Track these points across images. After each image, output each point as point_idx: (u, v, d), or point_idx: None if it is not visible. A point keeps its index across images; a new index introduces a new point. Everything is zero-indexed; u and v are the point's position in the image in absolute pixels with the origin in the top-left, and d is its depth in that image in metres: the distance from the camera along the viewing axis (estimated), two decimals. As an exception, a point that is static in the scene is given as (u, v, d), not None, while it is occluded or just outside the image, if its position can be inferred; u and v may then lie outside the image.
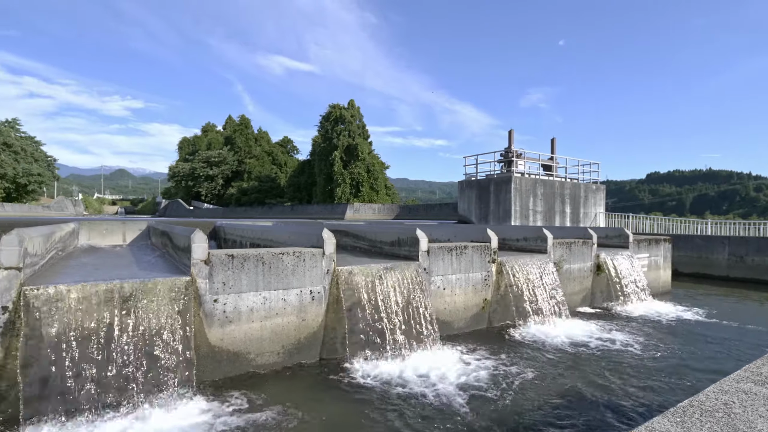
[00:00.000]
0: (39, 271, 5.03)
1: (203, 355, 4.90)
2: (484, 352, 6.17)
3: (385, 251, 7.65)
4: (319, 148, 52.40)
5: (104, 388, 3.99)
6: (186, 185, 71.93)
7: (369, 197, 49.39)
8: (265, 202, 59.21)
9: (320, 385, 5.04)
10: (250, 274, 5.21)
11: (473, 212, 18.31)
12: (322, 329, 5.77)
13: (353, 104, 52.20)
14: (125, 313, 4.31)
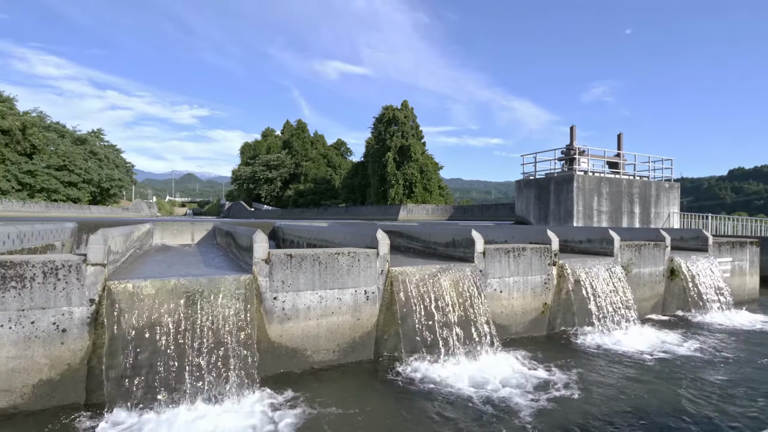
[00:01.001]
0: (120, 267, 5.49)
1: (263, 350, 5.10)
2: (544, 359, 5.90)
3: (439, 252, 7.56)
4: (373, 149, 52.96)
5: (176, 377, 4.27)
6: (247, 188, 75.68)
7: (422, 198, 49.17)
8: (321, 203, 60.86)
9: (373, 384, 5.07)
10: (307, 274, 5.35)
11: (532, 213, 17.63)
12: (376, 329, 5.81)
13: (406, 105, 52.22)
14: (194, 307, 4.59)
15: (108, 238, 4.56)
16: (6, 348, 4.05)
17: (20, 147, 47.64)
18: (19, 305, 4.08)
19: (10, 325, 4.06)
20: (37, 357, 4.17)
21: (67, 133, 58.58)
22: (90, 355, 4.35)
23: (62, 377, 4.26)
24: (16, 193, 45.28)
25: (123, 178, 62.47)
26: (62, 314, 4.24)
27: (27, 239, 7.39)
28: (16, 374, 4.10)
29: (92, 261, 4.35)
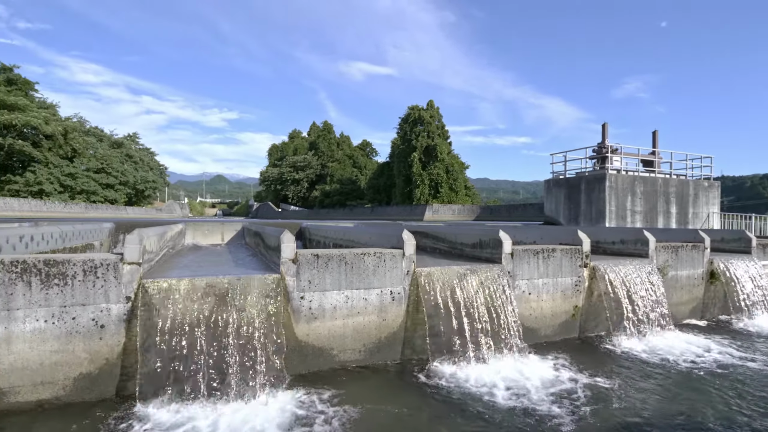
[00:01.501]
0: (154, 266, 5.67)
1: (291, 348, 5.17)
2: (574, 363, 5.74)
3: (466, 253, 7.47)
4: (398, 149, 52.96)
5: (206, 374, 4.37)
6: (275, 189, 77.08)
7: (448, 198, 48.79)
8: (347, 203, 61.33)
9: (399, 384, 5.05)
10: (333, 273, 5.39)
11: (561, 213, 17.21)
12: (402, 329, 5.79)
13: (432, 105, 51.97)
14: (224, 305, 4.70)
15: (143, 238, 4.72)
16: (49, 342, 4.26)
17: (62, 151, 50.04)
18: (61, 302, 4.28)
19: (53, 321, 4.26)
20: (78, 351, 4.35)
21: (105, 137, 61.17)
22: (126, 350, 4.51)
23: (100, 371, 4.44)
24: (59, 194, 47.59)
25: (157, 180, 64.76)
26: (101, 311, 4.41)
27: (69, 239, 7.75)
28: (58, 367, 4.30)
29: (128, 260, 4.51)
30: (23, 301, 4.16)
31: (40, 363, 4.23)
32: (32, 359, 4.21)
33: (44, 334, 4.24)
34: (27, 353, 4.19)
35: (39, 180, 45.97)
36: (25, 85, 48.96)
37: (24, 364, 4.19)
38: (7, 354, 4.13)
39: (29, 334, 4.19)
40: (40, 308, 4.21)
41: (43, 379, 4.26)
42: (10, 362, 4.14)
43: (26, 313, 4.17)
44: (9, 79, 47.46)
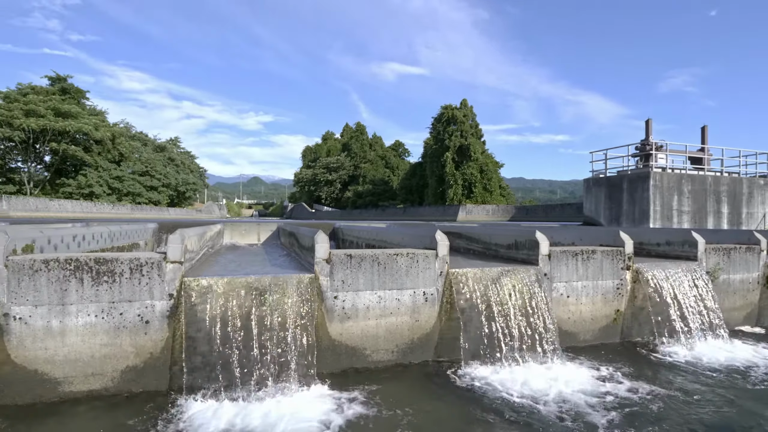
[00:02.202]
0: (195, 264, 5.89)
1: (325, 347, 5.23)
2: (616, 370, 5.50)
3: (501, 254, 7.32)
4: (431, 150, 52.67)
5: (244, 369, 4.50)
6: (308, 190, 78.41)
7: (482, 198, 48.06)
8: (379, 204, 61.55)
9: (432, 385, 5.01)
10: (366, 274, 5.41)
11: (602, 213, 16.58)
12: (435, 331, 5.74)
13: (465, 104, 51.36)
14: (260, 304, 4.81)
15: (185, 237, 4.91)
16: (99, 336, 4.50)
17: (110, 155, 52.88)
18: (110, 298, 4.51)
19: (102, 316, 4.49)
20: (125, 345, 4.58)
21: (149, 142, 64.14)
22: (169, 345, 4.70)
23: (145, 365, 4.65)
24: (107, 196, 50.29)
25: (197, 182, 67.32)
26: (146, 307, 4.62)
27: (116, 238, 8.16)
28: (107, 360, 4.54)
29: (171, 259, 4.70)
30: (76, 296, 4.41)
31: (90, 355, 4.48)
32: (84, 352, 4.46)
33: (94, 328, 4.48)
34: (79, 346, 4.45)
35: (90, 183, 48.74)
36: (78, 93, 52.08)
37: (76, 356, 4.45)
38: (61, 346, 4.40)
39: (81, 328, 4.44)
40: (91, 304, 4.46)
41: (93, 370, 4.50)
42: (64, 354, 4.41)
43: (78, 308, 4.43)
44: (63, 88, 50.64)
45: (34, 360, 4.35)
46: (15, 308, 4.28)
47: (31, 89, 47.54)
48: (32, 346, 4.34)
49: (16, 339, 4.30)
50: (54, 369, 4.40)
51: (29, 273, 4.30)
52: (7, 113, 42.76)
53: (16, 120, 42.58)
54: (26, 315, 4.31)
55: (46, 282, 4.33)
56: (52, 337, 4.38)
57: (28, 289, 4.30)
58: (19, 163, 48.75)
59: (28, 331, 4.32)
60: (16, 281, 4.27)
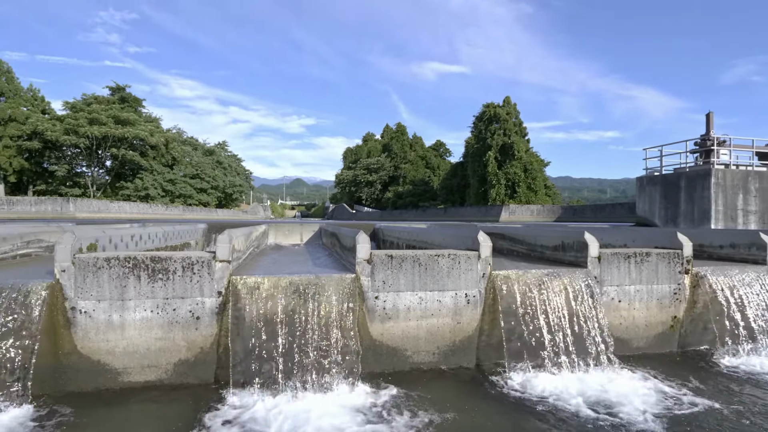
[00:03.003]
0: (242, 264, 6.10)
1: (365, 347, 5.25)
2: (673, 380, 5.16)
3: (546, 256, 7.08)
4: (472, 149, 51.86)
5: (287, 366, 4.60)
6: (349, 191, 79.38)
7: (526, 198, 46.74)
8: (419, 204, 61.32)
9: (473, 389, 4.91)
10: (407, 274, 5.39)
11: (656, 213, 15.66)
12: (477, 333, 5.63)
13: (509, 101, 50.16)
14: (303, 303, 4.91)
15: (232, 237, 5.09)
16: (154, 330, 4.75)
17: (164, 159, 55.96)
18: (164, 294, 4.76)
19: (157, 311, 4.75)
20: (177, 339, 4.81)
21: (199, 146, 67.29)
22: (217, 340, 4.90)
23: (196, 359, 4.87)
24: (161, 198, 53.24)
25: (243, 184, 69.92)
26: (196, 304, 4.84)
27: (170, 238, 8.61)
28: (162, 353, 4.79)
29: (220, 258, 4.89)
30: (134, 292, 4.69)
31: (147, 348, 4.75)
32: (140, 345, 4.74)
33: (150, 322, 4.74)
34: (136, 339, 4.72)
35: (146, 185, 51.80)
36: (135, 102, 55.56)
37: (134, 349, 4.73)
38: (121, 339, 4.69)
39: (138, 322, 4.72)
40: (147, 299, 4.73)
41: (149, 362, 4.77)
42: (123, 346, 4.70)
43: (136, 304, 4.70)
44: (122, 97, 54.18)
45: (97, 351, 4.66)
46: (81, 302, 4.61)
47: (94, 99, 51.22)
48: (95, 338, 4.65)
49: (82, 331, 4.63)
50: (114, 360, 4.70)
51: (93, 270, 4.62)
52: (73, 122, 46.28)
53: (81, 128, 46.00)
54: (90, 309, 4.63)
55: (107, 278, 4.64)
56: (113, 330, 4.68)
57: (92, 284, 4.62)
58: (84, 168, 52.65)
59: (92, 324, 4.64)
60: (81, 277, 4.60)
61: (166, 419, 4.11)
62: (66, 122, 46.53)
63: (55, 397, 4.43)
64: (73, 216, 32.16)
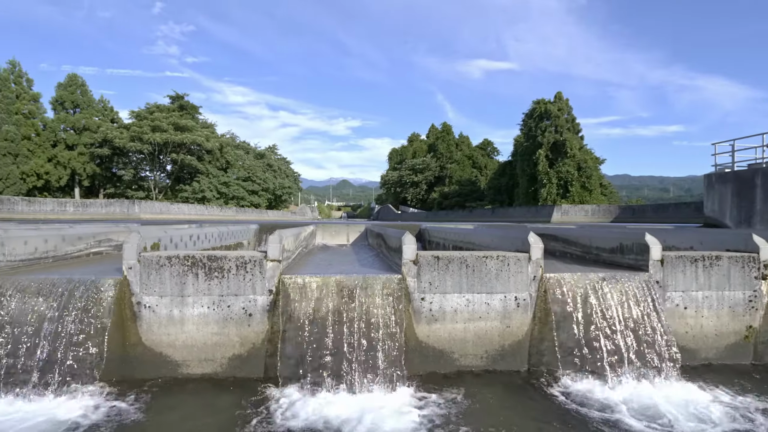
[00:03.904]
0: (291, 263, 6.27)
1: (411, 348, 5.23)
2: (746, 396, 4.72)
3: (603, 259, 6.72)
4: (522, 147, 50.31)
5: (334, 364, 4.67)
6: (394, 191, 79.59)
7: (580, 198, 44.72)
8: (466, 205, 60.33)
9: (523, 396, 4.74)
10: (454, 276, 5.31)
11: (728, 213, 14.44)
12: (527, 338, 5.44)
13: (560, 97, 48.22)
14: (350, 303, 4.96)
15: (282, 238, 5.25)
16: (211, 326, 4.99)
17: (219, 163, 58.79)
18: (219, 291, 4.99)
19: (213, 307, 4.98)
20: (231, 335, 5.02)
21: (251, 150, 70.09)
22: (268, 337, 5.06)
23: (248, 354, 5.06)
24: (216, 200, 55.95)
25: (291, 186, 72.05)
26: (249, 301, 5.03)
27: (224, 238, 9.02)
28: (217, 347, 5.02)
29: (271, 257, 5.05)
30: (192, 289, 4.95)
31: (204, 342, 4.99)
32: (198, 339, 4.99)
33: (207, 318, 4.98)
34: (194, 333, 4.98)
35: (202, 188, 54.63)
36: (192, 109, 58.80)
37: (192, 343, 4.99)
38: (180, 333, 4.97)
39: (196, 318, 4.97)
40: (204, 296, 4.97)
41: (206, 356, 5.01)
42: (183, 340, 4.97)
43: (194, 300, 4.96)
44: (181, 105, 57.52)
45: (159, 343, 4.96)
46: (146, 297, 4.93)
47: (156, 108, 54.77)
48: (158, 331, 4.96)
49: (146, 324, 4.94)
50: (174, 352, 4.98)
51: (156, 267, 4.92)
52: (138, 130, 49.75)
53: (145, 135, 49.36)
54: (154, 304, 4.94)
55: (169, 276, 4.93)
56: (174, 324, 4.96)
57: (155, 281, 4.93)
58: (147, 172, 56.40)
59: (155, 318, 4.94)
60: (146, 274, 4.92)
61: (220, 410, 4.30)
62: (132, 130, 50.14)
63: (123, 383, 4.77)
64: (138, 217, 34.56)
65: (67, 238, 6.55)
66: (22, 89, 45.23)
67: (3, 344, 4.42)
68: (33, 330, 4.49)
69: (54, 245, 6.25)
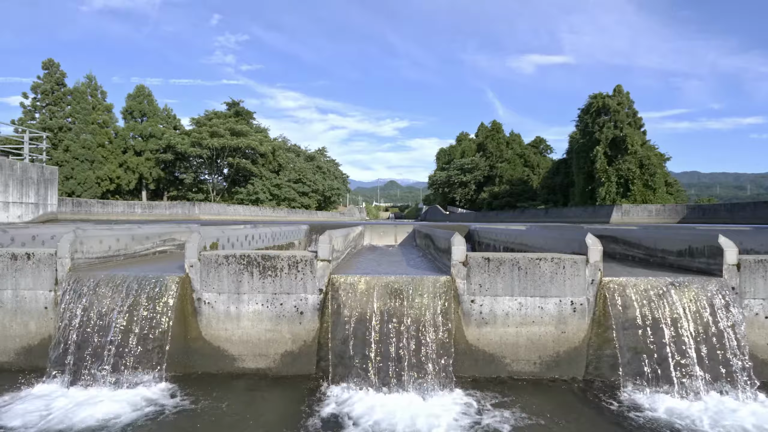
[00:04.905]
0: (340, 263, 6.36)
1: (461, 351, 5.13)
2: None
3: (669, 262, 6.25)
4: (577, 144, 48.10)
5: (381, 364, 4.68)
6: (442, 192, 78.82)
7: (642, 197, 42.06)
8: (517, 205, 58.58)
9: (580, 406, 4.50)
10: (505, 278, 5.16)
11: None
12: (585, 345, 5.17)
13: (620, 90, 45.62)
14: (399, 304, 4.96)
15: (332, 238, 5.34)
16: (264, 322, 5.17)
17: (271, 166, 61.03)
18: (272, 289, 5.16)
19: (267, 305, 5.16)
20: (284, 332, 5.18)
21: (301, 153, 72.16)
22: (318, 335, 5.17)
23: (300, 351, 5.19)
24: (269, 201, 58.11)
25: (340, 187, 73.40)
26: (300, 299, 5.16)
27: (277, 238, 9.33)
28: (271, 344, 5.19)
29: (321, 257, 5.16)
30: (247, 287, 5.16)
31: (258, 338, 5.18)
32: (253, 335, 5.19)
33: (261, 315, 5.17)
34: (249, 329, 5.18)
35: (256, 190, 56.94)
36: (247, 115, 61.51)
37: (248, 338, 5.19)
38: (237, 328, 5.19)
39: (251, 314, 5.17)
40: (258, 294, 5.16)
41: (260, 351, 5.20)
42: (239, 336, 5.19)
43: (249, 297, 5.17)
44: (237, 111, 60.35)
45: (217, 338, 5.21)
46: (205, 294, 5.20)
47: (214, 114, 57.84)
48: (216, 327, 5.21)
49: (206, 320, 5.21)
50: (231, 347, 5.21)
51: (215, 266, 5.18)
52: (198, 136, 52.77)
53: (204, 140, 52.26)
54: (213, 300, 5.19)
55: (226, 274, 5.16)
56: (230, 320, 5.19)
57: (214, 279, 5.18)
58: (206, 175, 59.66)
59: (214, 314, 5.20)
60: (206, 272, 5.19)
61: (272, 405, 4.45)
62: (192, 136, 53.32)
63: (185, 375, 5.05)
64: (198, 218, 36.61)
65: (136, 237, 7.05)
66: (97, 101, 49.35)
67: (79, 335, 4.83)
68: (106, 322, 4.87)
69: (125, 244, 6.75)
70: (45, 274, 5.34)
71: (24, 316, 5.38)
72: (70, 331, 4.82)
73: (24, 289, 5.37)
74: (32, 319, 5.37)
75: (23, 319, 5.38)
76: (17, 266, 5.36)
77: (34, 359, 5.29)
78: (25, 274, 5.36)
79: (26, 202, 15.75)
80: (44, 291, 5.35)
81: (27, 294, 5.37)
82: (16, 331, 5.39)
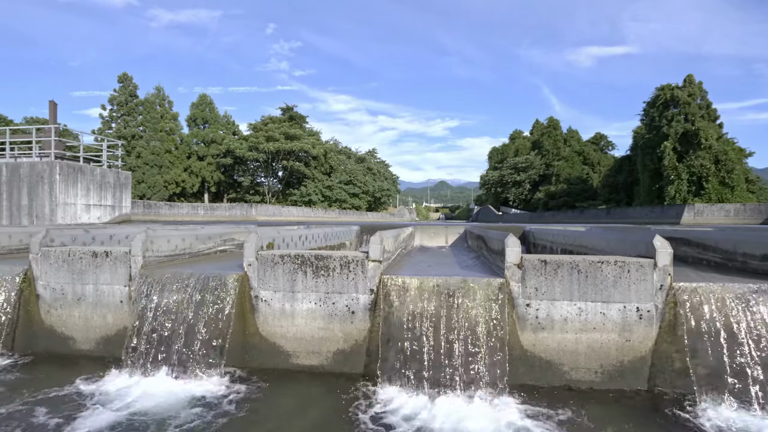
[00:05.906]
0: (391, 264, 6.38)
1: (515, 357, 4.96)
2: None
3: (751, 267, 5.68)
4: (642, 140, 45.05)
5: (432, 366, 4.62)
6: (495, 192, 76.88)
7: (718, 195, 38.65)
8: (575, 205, 55.88)
9: (648, 419, 4.19)
10: (563, 282, 4.92)
11: None
12: (651, 354, 4.81)
13: (691, 80, 42.23)
14: (450, 305, 4.88)
15: (383, 239, 5.36)
16: (317, 321, 5.29)
17: (323, 168, 62.56)
18: (325, 289, 5.26)
19: (320, 304, 5.28)
20: (336, 331, 5.27)
21: (352, 155, 73.35)
22: (369, 335, 5.20)
23: (351, 350, 5.25)
24: (321, 203, 59.59)
25: (390, 188, 73.80)
26: (352, 299, 5.23)
27: (329, 238, 9.53)
28: (323, 342, 5.30)
29: (372, 258, 5.19)
30: (301, 286, 5.30)
31: (311, 336, 5.31)
32: (306, 332, 5.32)
33: (314, 313, 5.29)
34: (303, 327, 5.32)
35: (308, 192, 58.62)
36: (300, 119, 63.50)
37: (301, 336, 5.33)
38: (291, 326, 5.35)
39: (305, 312, 5.31)
40: (311, 293, 5.29)
41: (313, 349, 5.32)
42: (293, 333, 5.35)
43: (303, 296, 5.31)
44: (290, 116, 62.48)
45: (273, 334, 5.40)
46: (262, 292, 5.41)
47: (269, 119, 60.27)
48: (272, 323, 5.40)
49: (262, 316, 5.42)
50: (286, 344, 5.38)
51: (271, 265, 5.37)
52: (255, 140, 55.27)
53: (260, 145, 54.63)
54: (269, 298, 5.39)
55: (281, 273, 5.34)
56: (285, 317, 5.36)
57: (270, 277, 5.38)
58: (262, 178, 62.31)
59: (270, 311, 5.39)
60: (263, 271, 5.39)
61: (324, 401, 4.53)
62: (249, 141, 55.91)
63: (243, 369, 5.28)
64: (255, 219, 38.26)
65: (200, 237, 7.48)
66: (165, 110, 53.12)
67: (150, 328, 5.19)
68: (174, 317, 5.21)
69: (189, 243, 7.18)
70: (121, 271, 5.81)
71: (103, 309, 5.88)
72: (142, 324, 5.20)
73: (103, 284, 5.87)
74: (110, 311, 5.86)
75: (102, 311, 5.89)
76: (97, 263, 5.87)
77: (112, 348, 5.75)
78: (104, 271, 5.86)
79: (104, 204, 17.26)
80: (120, 286, 5.82)
81: (105, 288, 5.87)
82: (97, 323, 5.90)
